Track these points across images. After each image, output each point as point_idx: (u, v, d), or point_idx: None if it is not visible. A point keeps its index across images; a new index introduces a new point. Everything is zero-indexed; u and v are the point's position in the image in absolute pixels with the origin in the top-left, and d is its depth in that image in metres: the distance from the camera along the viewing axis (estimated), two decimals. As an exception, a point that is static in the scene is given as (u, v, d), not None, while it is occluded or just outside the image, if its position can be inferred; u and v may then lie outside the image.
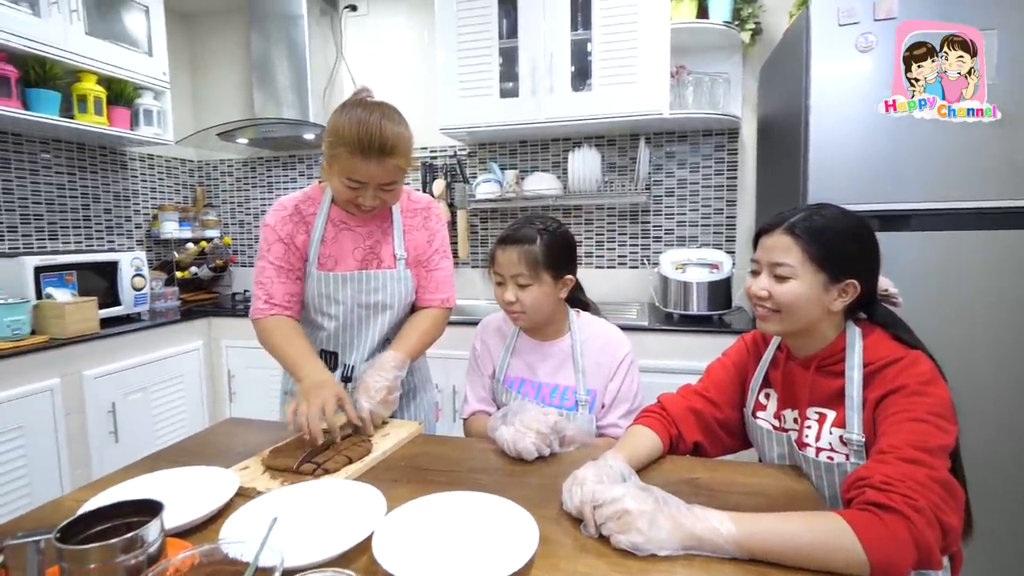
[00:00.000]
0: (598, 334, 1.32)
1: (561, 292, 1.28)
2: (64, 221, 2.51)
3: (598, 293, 2.76)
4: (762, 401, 1.08)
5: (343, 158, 1.11)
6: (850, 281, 0.93)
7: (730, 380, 1.13)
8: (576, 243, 1.34)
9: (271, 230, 1.24)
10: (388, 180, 1.15)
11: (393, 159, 1.12)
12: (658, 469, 1.01)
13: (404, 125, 1.15)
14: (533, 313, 1.24)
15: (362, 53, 2.99)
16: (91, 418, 1.97)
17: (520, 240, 1.23)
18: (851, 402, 0.91)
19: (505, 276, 1.24)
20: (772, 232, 0.97)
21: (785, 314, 0.95)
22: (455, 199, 2.81)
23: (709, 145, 2.61)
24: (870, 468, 0.78)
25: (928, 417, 0.82)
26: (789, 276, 0.93)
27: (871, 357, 0.92)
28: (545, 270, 1.23)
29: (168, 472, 0.96)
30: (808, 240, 0.93)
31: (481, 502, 0.83)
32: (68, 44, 2.10)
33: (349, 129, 1.09)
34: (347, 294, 1.26)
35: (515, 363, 1.35)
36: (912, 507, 0.70)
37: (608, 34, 2.32)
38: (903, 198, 1.69)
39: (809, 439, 0.96)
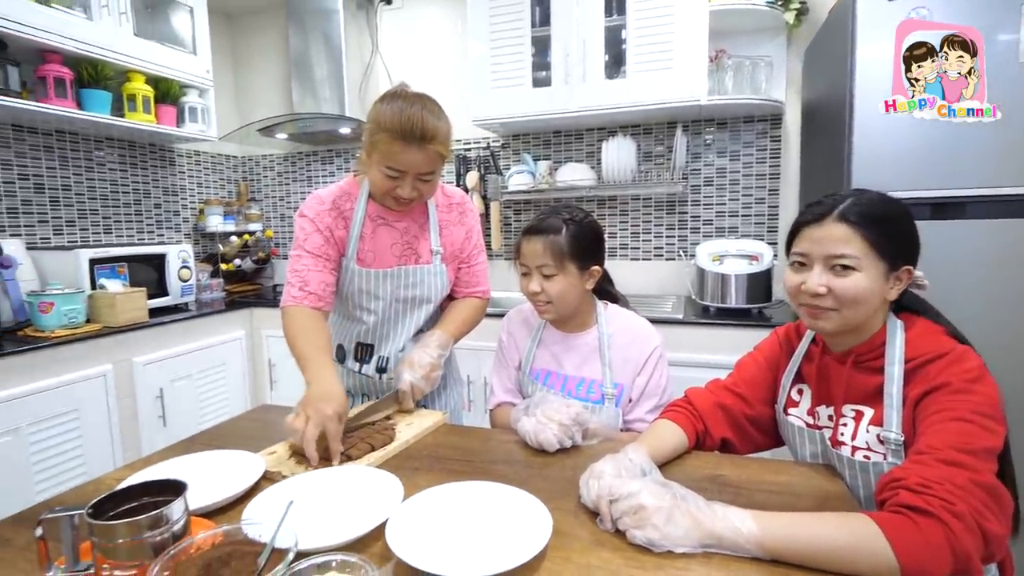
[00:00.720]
0: (626, 327, 1.29)
1: (587, 283, 1.27)
2: (117, 216, 2.64)
3: (633, 286, 2.72)
4: (794, 397, 1.03)
5: (384, 145, 1.12)
6: (906, 267, 0.88)
7: (761, 375, 1.08)
8: (603, 234, 1.31)
9: (309, 221, 1.24)
10: (427, 169, 1.15)
11: (433, 145, 1.13)
12: (682, 465, 0.99)
13: (444, 116, 1.17)
14: (559, 304, 1.23)
15: (397, 46, 3.02)
16: (141, 402, 2.07)
17: (545, 230, 1.22)
18: (890, 399, 0.86)
19: (531, 267, 1.23)
20: (822, 222, 0.89)
21: (846, 310, 0.88)
22: (488, 191, 2.81)
23: (751, 132, 2.52)
24: (906, 469, 0.73)
25: (973, 417, 0.76)
26: (853, 268, 0.86)
27: (914, 352, 0.87)
28: (571, 260, 1.21)
29: (201, 455, 1.00)
30: (867, 227, 0.86)
31: (497, 492, 0.83)
32: (118, 45, 2.19)
33: (391, 117, 1.11)
34: (386, 289, 1.28)
35: (541, 355, 1.34)
36: (950, 511, 0.66)
37: (643, 19, 2.26)
38: (955, 184, 1.60)
39: (844, 437, 0.92)
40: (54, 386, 1.79)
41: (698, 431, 1.04)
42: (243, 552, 0.64)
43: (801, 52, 2.40)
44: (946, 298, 1.59)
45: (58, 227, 2.39)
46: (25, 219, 2.27)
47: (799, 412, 1.02)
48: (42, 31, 1.94)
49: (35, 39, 1.93)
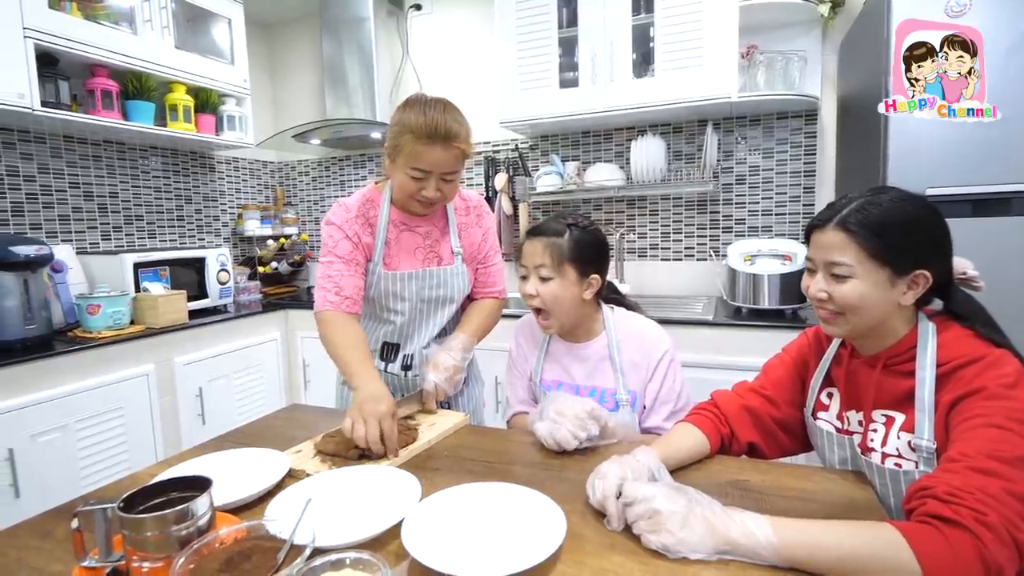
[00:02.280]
0: (633, 332, 1.27)
1: (586, 292, 1.23)
2: (161, 221, 2.75)
3: (663, 287, 2.69)
4: (823, 401, 1.00)
5: (409, 146, 1.16)
6: (920, 272, 0.84)
7: (789, 377, 1.06)
8: (608, 245, 1.28)
9: (337, 228, 1.28)
10: (451, 168, 1.19)
11: (457, 143, 1.17)
12: (705, 469, 0.97)
13: (463, 116, 1.22)
14: (554, 310, 1.21)
15: (427, 51, 3.06)
16: (181, 401, 2.16)
17: (546, 232, 1.22)
18: (921, 404, 0.83)
19: (529, 268, 1.22)
20: (824, 228, 0.88)
21: (851, 316, 0.87)
22: (516, 193, 2.82)
23: (784, 128, 2.46)
24: (936, 477, 0.70)
25: (1009, 424, 0.72)
26: (848, 275, 0.85)
27: (946, 356, 0.83)
28: (570, 264, 1.19)
29: (231, 452, 1.03)
30: (864, 235, 0.84)
31: (513, 494, 0.83)
32: (160, 58, 2.29)
33: (416, 118, 1.15)
34: (412, 291, 1.32)
35: (550, 367, 1.32)
36: (981, 522, 0.63)
37: (672, 16, 2.23)
38: (999, 180, 1.53)
39: (875, 443, 0.89)
40: (100, 385, 1.89)
41: (723, 435, 1.02)
42: (264, 548, 0.67)
43: (836, 45, 2.33)
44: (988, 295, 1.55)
45: (106, 233, 2.52)
46: (76, 225, 2.40)
47: (828, 416, 0.99)
48: (91, 47, 2.05)
49: (84, 54, 2.04)
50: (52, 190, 2.31)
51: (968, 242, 1.55)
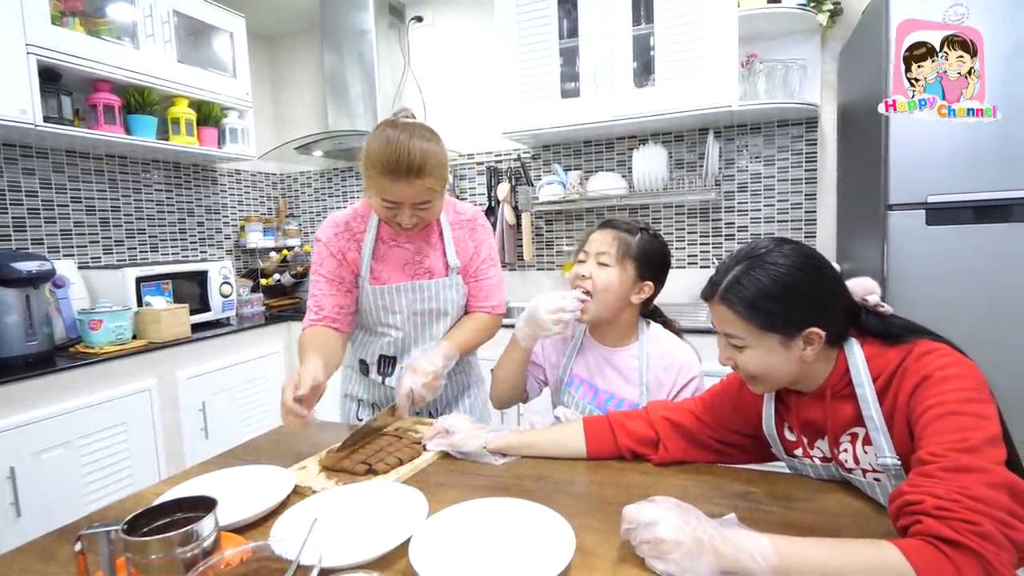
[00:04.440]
0: (666, 351, 1.26)
1: (635, 295, 1.23)
2: (163, 234, 2.76)
3: (667, 295, 2.63)
4: (789, 438, 0.99)
5: (375, 179, 1.13)
6: (810, 331, 0.83)
7: (728, 404, 1.04)
8: (671, 263, 1.30)
9: (323, 245, 1.29)
10: (420, 200, 1.15)
11: (422, 180, 1.12)
12: (712, 481, 0.96)
13: (437, 145, 1.15)
14: (600, 297, 1.20)
15: (428, 63, 3.07)
16: (184, 416, 2.15)
17: (619, 227, 1.24)
18: (872, 423, 0.82)
19: (590, 253, 1.23)
20: (711, 300, 0.89)
21: (763, 378, 0.88)
22: (519, 202, 2.82)
23: (785, 136, 2.46)
24: (917, 486, 0.69)
25: (961, 407, 0.72)
26: (743, 345, 0.86)
27: (877, 368, 0.83)
28: (632, 261, 1.21)
29: (235, 470, 1.02)
30: (743, 309, 0.84)
31: (521, 510, 0.82)
32: (163, 72, 2.30)
33: (379, 150, 1.11)
34: (403, 304, 1.31)
35: (578, 363, 1.32)
36: (978, 534, 0.62)
37: (672, 26, 2.24)
38: (1000, 186, 1.53)
39: (849, 463, 0.88)
40: (103, 400, 1.88)
41: (629, 438, 1.04)
42: (270, 569, 0.65)
43: (836, 54, 2.34)
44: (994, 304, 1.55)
45: (108, 247, 2.52)
46: (77, 240, 2.40)
47: (801, 452, 0.98)
48: (93, 62, 2.06)
49: (87, 69, 2.05)
50: (54, 205, 2.32)
51: (969, 249, 1.59)
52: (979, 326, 1.57)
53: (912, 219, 1.62)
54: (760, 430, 1.01)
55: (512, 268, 2.99)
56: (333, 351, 1.24)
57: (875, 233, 1.71)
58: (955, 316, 1.58)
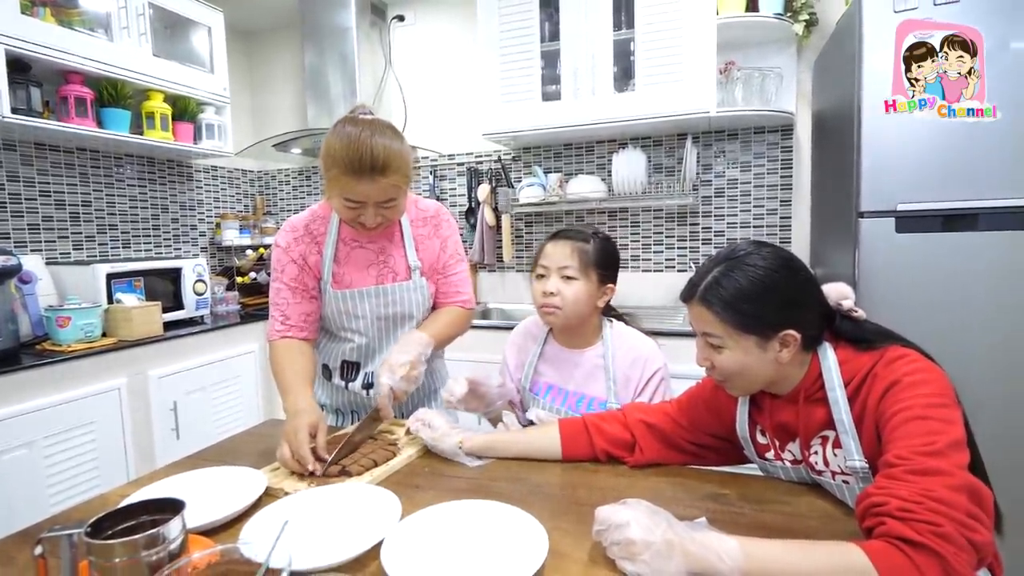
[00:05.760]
0: (630, 346, 1.28)
1: (600, 299, 1.27)
2: (136, 231, 2.70)
3: (645, 298, 2.71)
4: (761, 441, 1.01)
5: (337, 178, 1.10)
6: (786, 333, 0.85)
7: (703, 408, 1.05)
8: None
9: (283, 251, 1.26)
10: (384, 198, 1.13)
11: (386, 177, 1.10)
12: (685, 483, 0.98)
13: (398, 142, 1.13)
14: (569, 310, 1.22)
15: (410, 62, 3.06)
16: (155, 415, 2.10)
17: (574, 237, 1.26)
18: (842, 426, 0.84)
19: (551, 268, 1.24)
20: (690, 302, 0.91)
21: (734, 381, 0.91)
22: (499, 204, 2.83)
23: (761, 143, 2.51)
24: (883, 488, 0.71)
25: (928, 412, 0.74)
26: (721, 346, 0.88)
27: (849, 373, 0.85)
28: (594, 269, 1.23)
29: (205, 471, 1.00)
30: (722, 311, 0.86)
31: (495, 512, 0.82)
32: (137, 65, 2.25)
33: (340, 148, 1.08)
34: (366, 309, 1.28)
35: (543, 369, 1.33)
36: (938, 535, 0.64)
37: (652, 32, 2.27)
38: (967, 196, 1.58)
39: (819, 465, 0.91)
40: (69, 400, 1.83)
41: (604, 439, 1.05)
42: (238, 572, 0.64)
43: (811, 63, 2.39)
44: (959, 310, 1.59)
45: (78, 242, 2.46)
46: (46, 235, 2.34)
47: (772, 455, 1.00)
48: (64, 53, 2.01)
49: (58, 60, 2.00)
50: (22, 199, 2.25)
51: (936, 256, 1.63)
52: (944, 331, 1.61)
53: (882, 227, 1.66)
54: (734, 433, 1.02)
55: (491, 269, 3.00)
56: (312, 372, 1.22)
57: (847, 240, 1.75)
58: (921, 321, 1.63)
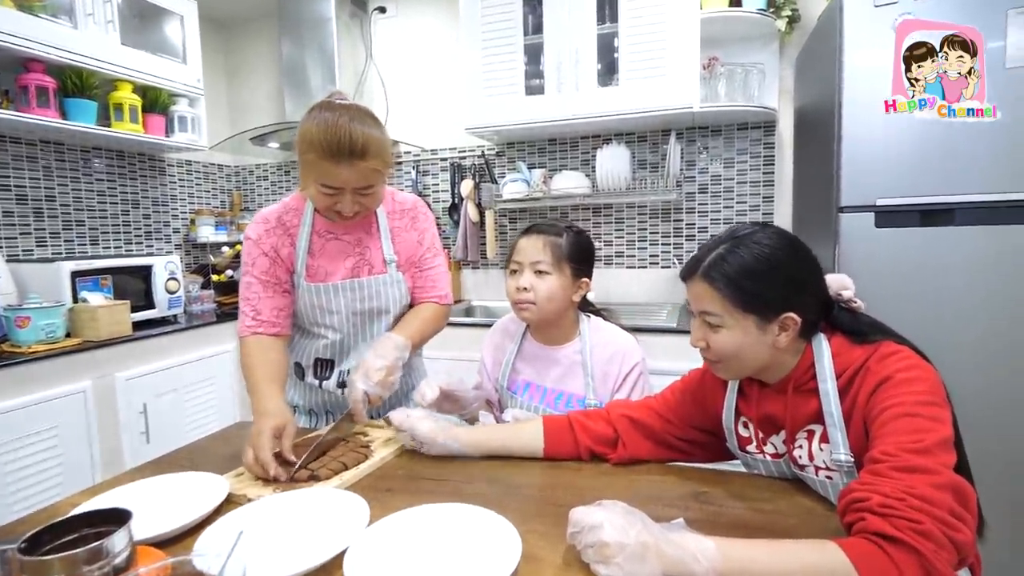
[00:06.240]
0: (608, 341, 1.26)
1: (575, 294, 1.25)
2: (104, 227, 2.61)
3: (628, 294, 2.69)
4: (743, 433, 0.99)
5: (314, 164, 1.07)
6: (787, 316, 0.83)
7: (689, 400, 1.04)
8: (594, 253, 1.32)
9: (253, 244, 1.21)
10: (364, 184, 1.10)
11: (365, 162, 1.07)
12: (664, 482, 0.95)
13: (377, 126, 1.11)
14: (544, 306, 1.20)
15: (391, 55, 3.00)
16: (124, 419, 2.03)
17: (546, 231, 1.24)
18: (831, 419, 0.83)
19: (524, 263, 1.22)
20: (691, 278, 0.89)
21: (728, 363, 0.88)
22: (483, 199, 2.79)
23: (744, 139, 2.49)
24: (866, 485, 0.69)
25: (918, 409, 0.73)
26: (719, 325, 0.86)
27: (841, 365, 0.84)
28: (568, 263, 1.21)
29: (166, 478, 0.95)
30: (726, 287, 0.84)
31: (467, 515, 0.78)
32: (104, 54, 2.17)
33: (317, 133, 1.05)
34: (341, 303, 1.24)
35: (521, 367, 1.30)
36: (919, 532, 0.62)
37: (636, 27, 2.24)
38: (946, 191, 1.58)
39: (803, 459, 0.89)
40: (30, 403, 1.75)
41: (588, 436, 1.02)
42: (190, 586, 0.60)
43: (793, 59, 2.38)
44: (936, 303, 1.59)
45: (41, 239, 2.36)
46: (7, 231, 2.24)
47: (754, 448, 0.98)
48: (24, 40, 1.92)
49: (17, 47, 1.91)
50: (-18, 193, 2.16)
51: (915, 251, 1.63)
52: (922, 325, 1.61)
53: (862, 221, 1.65)
54: (719, 426, 1.00)
55: (475, 266, 2.95)
56: (283, 370, 1.18)
57: (828, 234, 1.74)
58: (899, 315, 1.59)
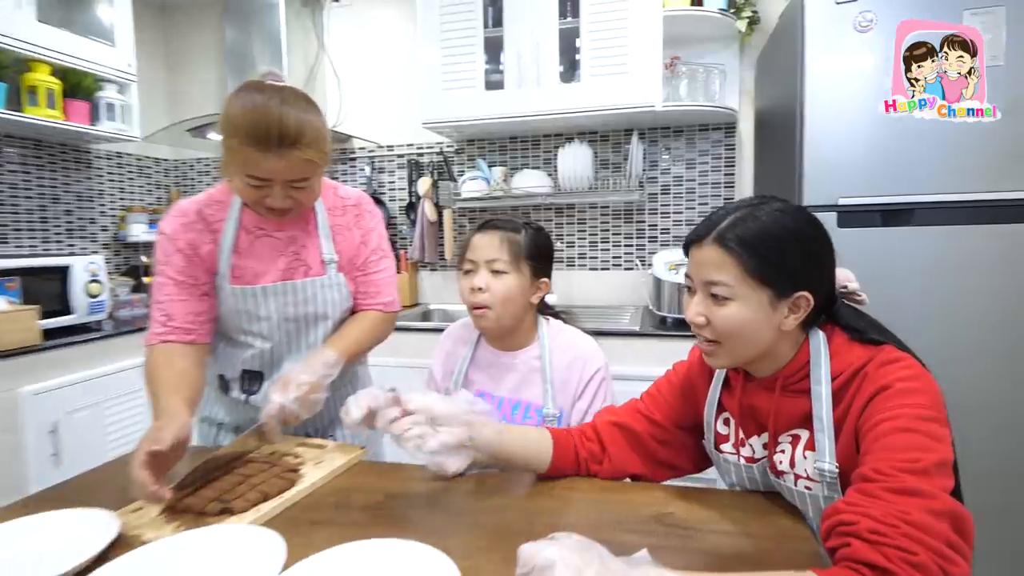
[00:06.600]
0: (568, 345, 1.16)
1: (534, 296, 1.15)
2: (18, 223, 2.35)
3: (591, 297, 2.61)
4: (722, 431, 0.91)
5: (239, 151, 0.94)
6: (801, 294, 0.76)
7: (676, 400, 0.97)
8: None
9: (167, 240, 1.07)
10: (296, 176, 0.98)
11: (298, 151, 0.95)
12: (626, 504, 0.85)
13: (312, 111, 0.99)
14: (501, 309, 1.10)
15: (345, 46, 2.85)
16: (29, 439, 1.79)
17: (503, 227, 1.14)
18: (820, 424, 0.75)
19: (479, 261, 1.11)
20: (701, 242, 0.79)
21: (729, 344, 0.79)
22: (441, 198, 2.67)
23: (706, 140, 2.46)
24: (854, 505, 0.62)
25: (917, 424, 0.66)
26: (728, 297, 0.76)
27: (838, 367, 0.77)
28: (527, 261, 1.12)
29: (42, 517, 0.79)
30: (743, 251, 0.75)
31: (400, 554, 0.66)
32: (16, 31, 1.95)
33: (242, 116, 0.93)
34: (271, 308, 1.10)
35: (475, 376, 1.19)
36: (912, 565, 0.54)
37: (598, 22, 2.17)
38: (906, 191, 1.57)
39: (783, 465, 0.81)
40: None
41: (582, 451, 0.95)
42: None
43: (753, 60, 2.36)
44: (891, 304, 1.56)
45: (-59, 235, 2.11)
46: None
47: (730, 447, 0.90)
48: (-83, 10, 1.70)
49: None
50: None
51: (876, 250, 1.59)
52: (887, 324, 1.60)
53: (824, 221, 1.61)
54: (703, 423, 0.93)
55: (433, 268, 2.82)
56: (193, 379, 1.02)
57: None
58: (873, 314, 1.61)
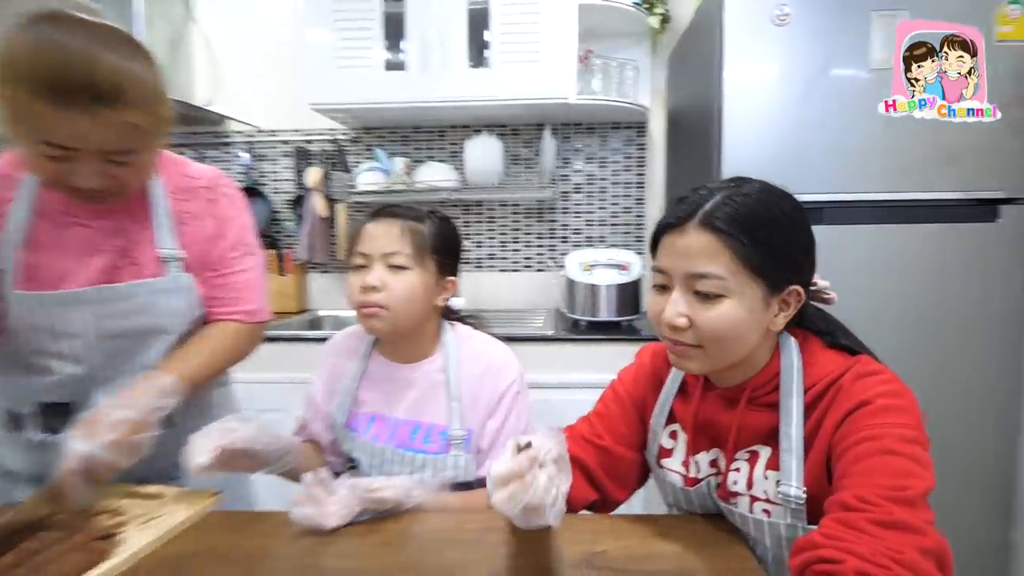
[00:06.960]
0: (477, 354, 1.00)
1: (439, 297, 0.99)
2: None
3: (502, 300, 2.48)
4: (667, 445, 0.81)
5: (25, 107, 0.68)
6: (793, 288, 0.68)
7: (626, 417, 0.85)
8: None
9: None
10: (115, 146, 0.74)
11: (115, 110, 0.70)
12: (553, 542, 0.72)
13: (140, 58, 0.74)
14: (400, 310, 0.92)
15: (219, 15, 2.51)
16: None
17: (404, 215, 0.95)
18: (788, 443, 0.66)
19: (373, 255, 0.92)
20: (683, 227, 0.67)
21: (712, 349, 0.67)
22: (333, 191, 2.42)
23: (617, 139, 2.42)
24: (835, 539, 0.53)
25: (901, 447, 0.59)
26: (719, 293, 0.65)
27: (812, 378, 0.68)
28: (432, 257, 0.95)
29: None
30: (739, 236, 0.64)
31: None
32: None
33: (28, 57, 0.67)
34: (84, 321, 0.84)
35: (366, 395, 1.00)
36: None
37: (510, 4, 2.05)
38: (824, 189, 1.57)
39: (738, 486, 0.71)
40: None
41: None
42: None
43: (665, 60, 2.35)
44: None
45: None
46: None
47: (672, 463, 0.80)
48: None
49: None
50: None
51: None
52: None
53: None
54: None
55: (324, 269, 2.56)
56: None
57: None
58: None
